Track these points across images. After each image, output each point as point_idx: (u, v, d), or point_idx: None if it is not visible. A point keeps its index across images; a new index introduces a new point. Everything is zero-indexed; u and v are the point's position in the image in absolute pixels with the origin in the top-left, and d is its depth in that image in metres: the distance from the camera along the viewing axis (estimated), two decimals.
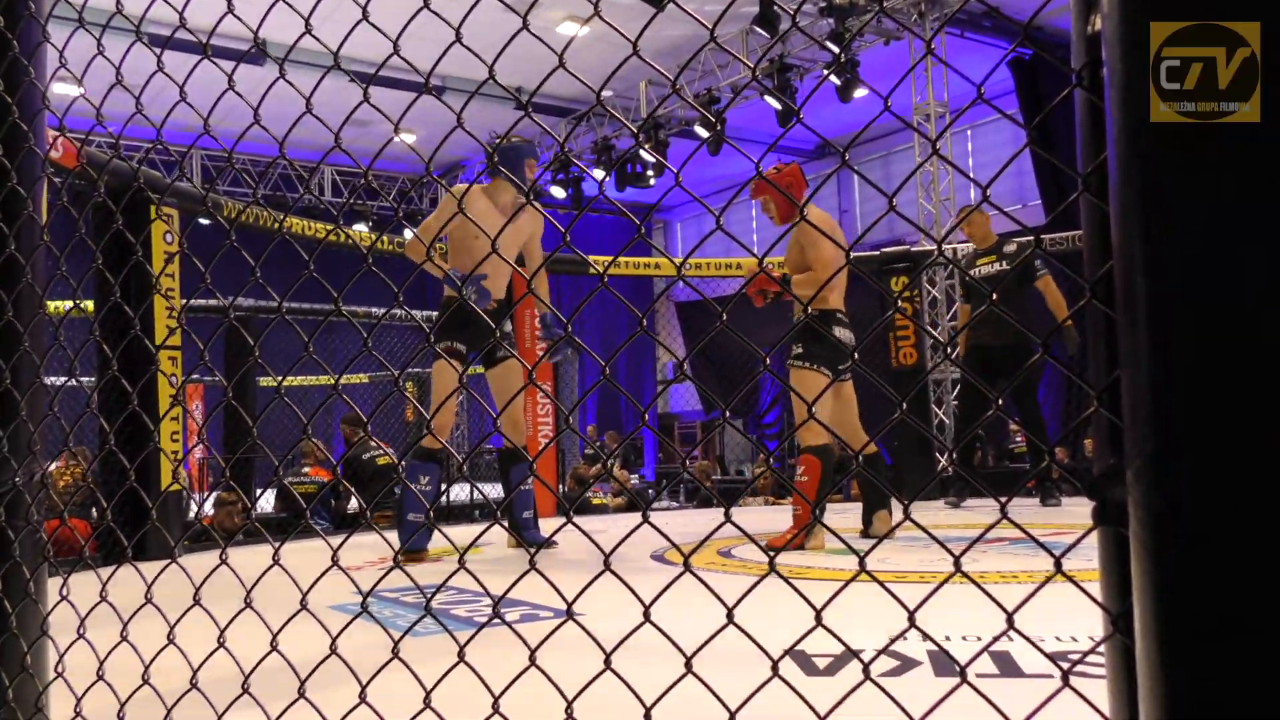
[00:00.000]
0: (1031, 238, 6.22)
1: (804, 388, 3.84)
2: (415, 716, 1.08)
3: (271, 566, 1.16)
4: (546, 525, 5.44)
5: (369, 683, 1.12)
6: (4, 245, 1.37)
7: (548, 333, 4.40)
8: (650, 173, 12.30)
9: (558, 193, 13.20)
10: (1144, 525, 0.70)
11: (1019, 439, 10.09)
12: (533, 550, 1.00)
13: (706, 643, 0.95)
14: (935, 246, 0.85)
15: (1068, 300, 5.21)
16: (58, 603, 1.34)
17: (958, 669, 0.87)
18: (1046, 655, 0.83)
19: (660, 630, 0.97)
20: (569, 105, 13.25)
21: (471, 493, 8.13)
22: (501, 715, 1.04)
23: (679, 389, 15.97)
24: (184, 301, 3.40)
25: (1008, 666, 1.79)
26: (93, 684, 1.30)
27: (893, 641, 0.95)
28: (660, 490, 11.22)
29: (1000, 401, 0.95)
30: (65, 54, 1.39)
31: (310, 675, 1.15)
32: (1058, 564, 0.83)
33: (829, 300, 3.99)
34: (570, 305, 14.44)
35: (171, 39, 1.30)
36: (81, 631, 1.31)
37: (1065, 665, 0.81)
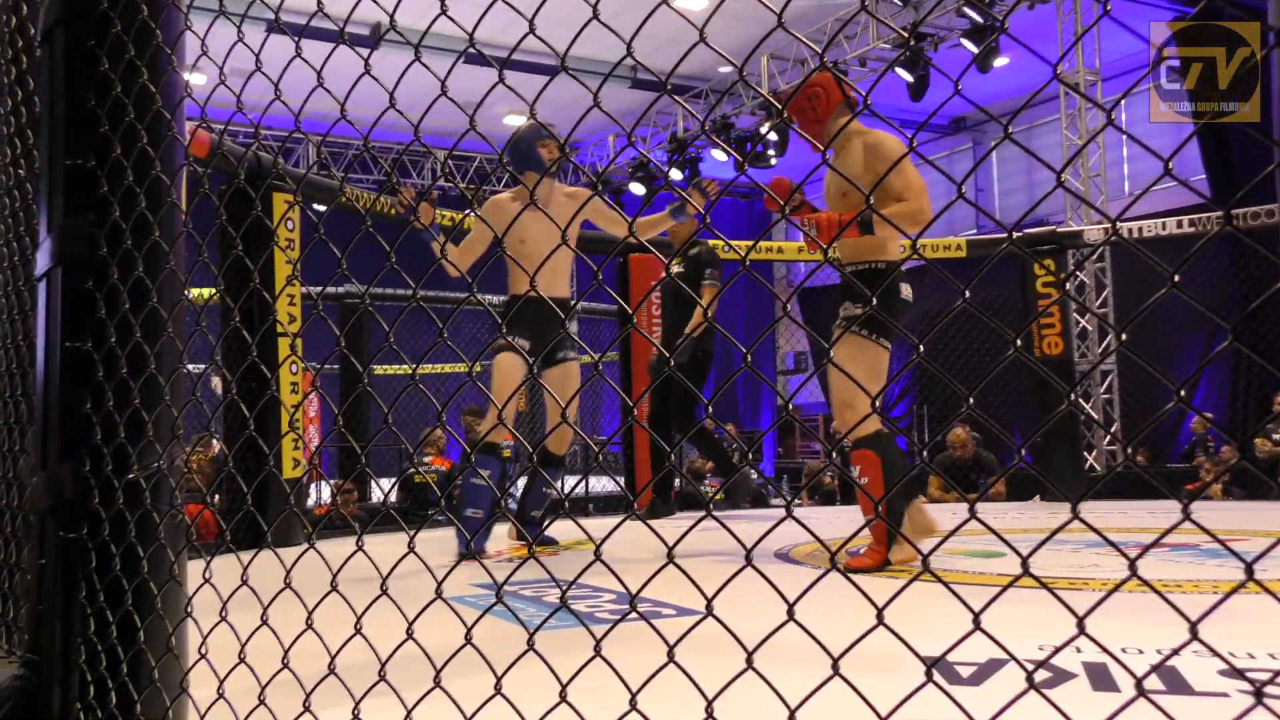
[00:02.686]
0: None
1: (861, 363, 3.19)
2: (551, 710, 1.11)
3: (406, 555, 1.20)
4: (663, 520, 5.47)
5: (504, 674, 1.15)
6: (149, 233, 1.46)
7: (679, 212, 4.13)
8: (772, 152, 12.19)
9: (674, 174, 13.21)
10: None
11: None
12: (530, 543, 1.01)
13: (856, 643, 0.94)
14: (1109, 224, 0.82)
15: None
16: (200, 585, 1.42)
17: (1133, 681, 0.84)
18: (1236, 670, 0.79)
19: (806, 630, 0.97)
20: (685, 83, 13.23)
21: (587, 486, 8.24)
22: (639, 712, 1.05)
23: (800, 380, 15.82)
24: (318, 290, 3.54)
25: (1175, 683, 1.71)
26: (234, 666, 1.38)
27: (1056, 651, 0.93)
28: (784, 488, 11.14)
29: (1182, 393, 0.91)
30: (205, 42, 1.46)
31: (446, 664, 1.19)
32: (1249, 571, 0.79)
33: (890, 249, 3.32)
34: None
35: (306, 27, 1.35)
36: (224, 614, 1.38)
37: (1256, 683, 0.77)
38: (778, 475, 13.12)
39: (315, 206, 5.83)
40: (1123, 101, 12.69)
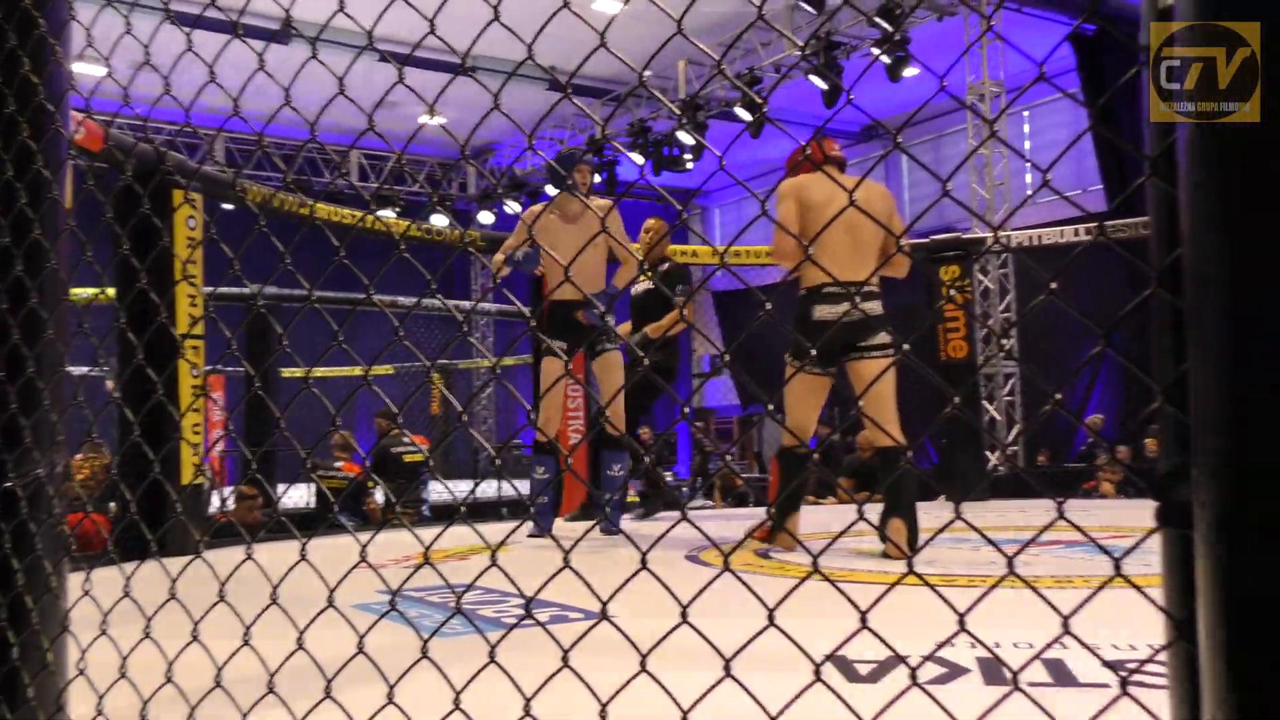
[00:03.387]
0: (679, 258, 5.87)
1: (789, 386, 3.71)
2: (445, 718, 1.10)
3: (298, 562, 1.18)
4: (578, 523, 5.46)
5: (397, 683, 1.14)
6: (29, 230, 1.40)
7: (591, 312, 4.46)
8: (688, 156, 12.27)
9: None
10: (1211, 526, 0.69)
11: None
12: (552, 543, 1.01)
13: (746, 645, 0.95)
14: (993, 232, 0.85)
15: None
16: (79, 598, 1.37)
17: (1010, 676, 0.87)
18: (1105, 663, 0.82)
19: (698, 632, 0.98)
20: (604, 86, 13.25)
21: (500, 489, 8.18)
22: (533, 717, 1.05)
23: (715, 383, 15.97)
24: (210, 290, 3.44)
25: (1062, 675, 1.77)
26: (115, 682, 1.33)
27: (940, 647, 0.95)
28: (696, 488, 11.21)
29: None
30: (90, 33, 1.41)
31: (337, 674, 1.17)
32: (1117, 567, 0.82)
33: (807, 276, 3.70)
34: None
35: (200, 19, 1.32)
36: (104, 628, 1.34)
37: (1124, 673, 0.80)
38: (692, 477, 13.20)
39: (226, 205, 5.68)
40: (1026, 114, 13.11)
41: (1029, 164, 13.03)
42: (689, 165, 12.43)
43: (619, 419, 4.55)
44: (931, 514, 5.59)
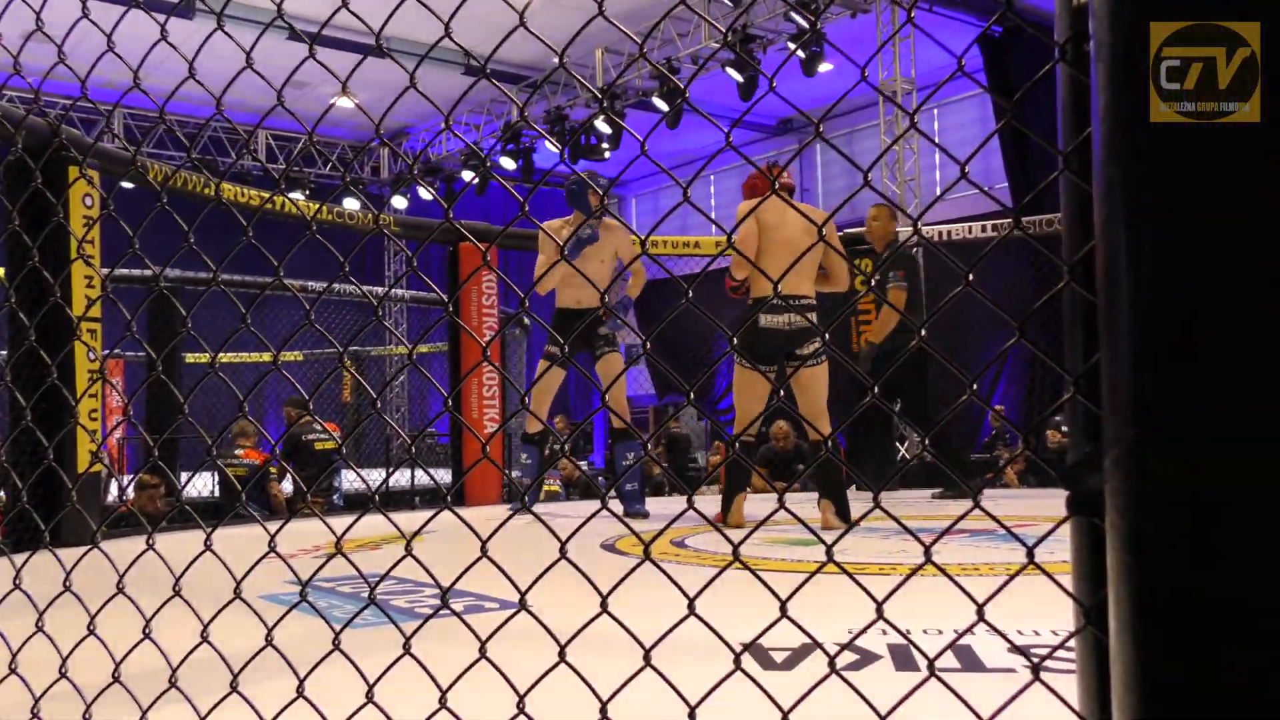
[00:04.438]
0: (907, 240, 6.24)
1: (737, 383, 4.21)
2: (357, 711, 1.07)
3: (203, 553, 1.14)
4: (491, 512, 5.42)
5: (307, 676, 1.10)
6: None
7: (613, 322, 5.07)
8: (605, 145, 12.24)
9: (507, 164, 13.08)
10: (1121, 514, 0.71)
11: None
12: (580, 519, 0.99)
13: (666, 634, 0.95)
14: (913, 225, 0.85)
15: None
16: None
17: (925, 662, 0.88)
18: (1016, 648, 0.84)
19: (618, 622, 0.97)
20: (520, 72, 13.12)
21: (413, 477, 8.07)
22: (449, 710, 1.03)
23: (631, 372, 16.00)
24: (107, 270, 3.31)
25: (970, 661, 1.81)
26: (3, 678, 1.27)
27: (858, 635, 0.96)
28: (614, 479, 11.22)
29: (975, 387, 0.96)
30: None
31: (244, 668, 1.13)
32: (1030, 554, 0.84)
33: (757, 287, 4.22)
34: (522, 282, 14.36)
35: None
36: None
37: (1035, 659, 0.82)
38: (608, 467, 13.20)
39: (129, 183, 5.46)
40: (936, 111, 13.40)
41: (946, 157, 13.34)
42: (606, 154, 12.40)
43: (623, 412, 5.00)
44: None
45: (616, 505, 6.00)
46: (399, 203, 14.61)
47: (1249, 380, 0.67)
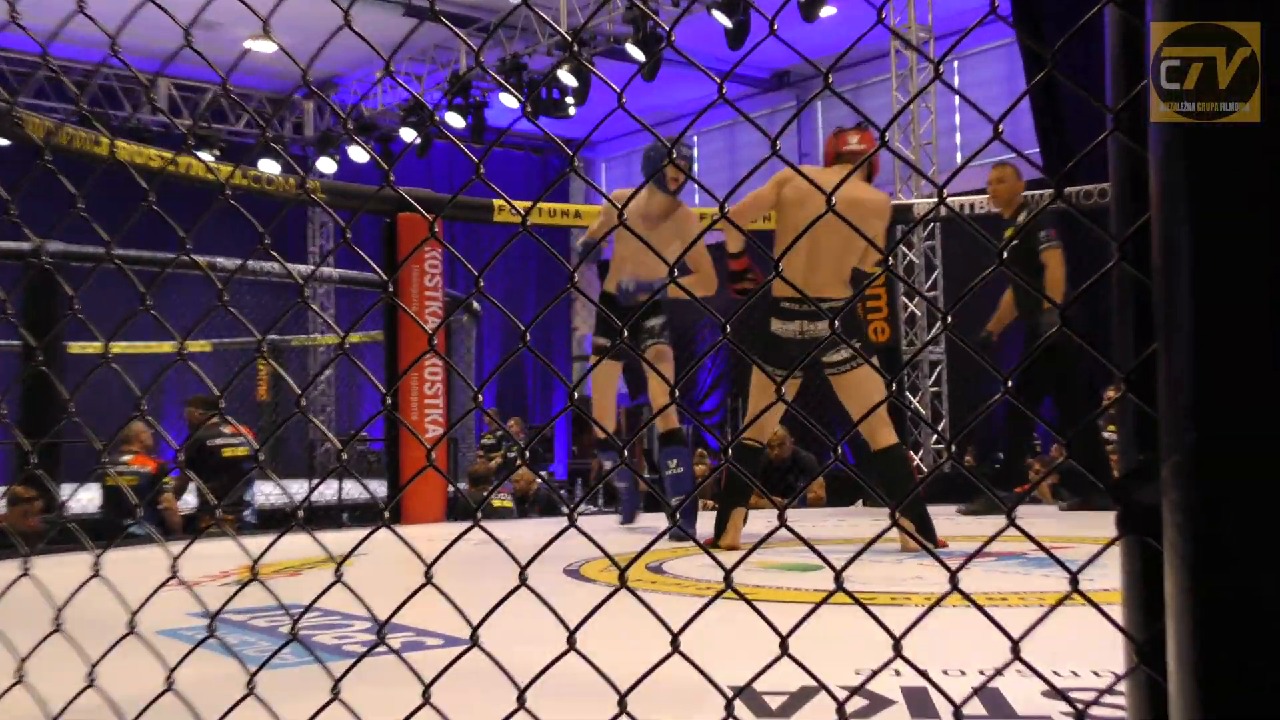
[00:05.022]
0: (1038, 194, 6.30)
1: (754, 382, 4.24)
2: None
3: (90, 579, 1.12)
4: (435, 531, 5.39)
5: None
6: None
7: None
8: (570, 100, 12.21)
9: (455, 121, 13.01)
10: (1182, 533, 0.71)
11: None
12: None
13: (646, 676, 0.94)
14: (938, 194, 0.86)
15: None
16: None
17: (948, 709, 0.88)
18: (1055, 691, 0.84)
19: (588, 661, 0.96)
20: (471, 13, 13.06)
21: (341, 489, 8.03)
22: None
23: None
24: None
25: (999, 707, 1.82)
26: None
27: (870, 678, 0.96)
28: (586, 491, 11.23)
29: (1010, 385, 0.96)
30: None
31: (140, 716, 1.12)
32: (1074, 582, 0.84)
33: (774, 285, 4.02)
34: (468, 258, 14.30)
35: None
36: None
37: (1079, 706, 0.82)
38: (571, 479, 13.21)
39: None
40: (956, 64, 13.45)
41: (968, 118, 13.39)
42: (572, 110, 12.37)
43: (667, 412, 5.02)
44: (847, 522, 5.72)
45: (587, 523, 5.99)
46: (327, 165, 14.52)
47: None
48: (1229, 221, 0.72)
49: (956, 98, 13.69)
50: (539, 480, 9.50)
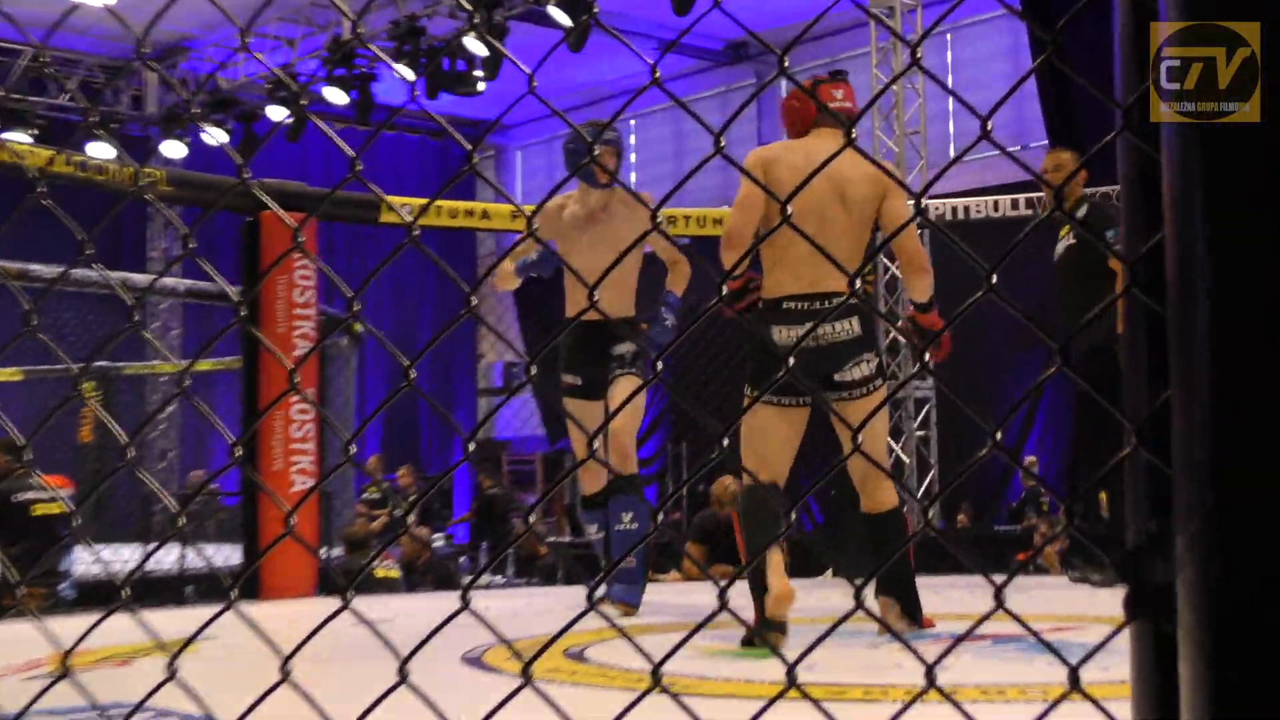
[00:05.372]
0: (1106, 191, 6.40)
1: (744, 421, 4.01)
2: None
3: None
4: (301, 608, 5.33)
5: None
6: None
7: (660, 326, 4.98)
8: (479, 73, 12.21)
9: (335, 98, 12.92)
10: (1200, 616, 0.73)
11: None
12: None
13: None
14: (915, 199, 0.87)
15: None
16: None
17: None
18: None
19: None
20: None
21: (184, 557, 7.92)
22: None
23: (508, 406, 15.93)
24: None
25: None
26: None
27: None
28: (492, 559, 11.17)
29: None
30: None
31: None
32: (1073, 675, 0.86)
33: (769, 282, 4.00)
34: (355, 269, 14.22)
35: None
36: None
37: None
38: (474, 543, 13.11)
39: None
40: (949, 37, 13.64)
41: (963, 104, 13.53)
42: (480, 86, 12.37)
43: (625, 454, 5.05)
44: (814, 594, 5.75)
45: (483, 602, 5.98)
46: (174, 150, 14.37)
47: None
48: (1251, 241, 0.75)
49: (949, 76, 13.88)
50: (437, 543, 9.46)
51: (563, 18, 10.98)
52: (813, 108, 4.11)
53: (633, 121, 16.04)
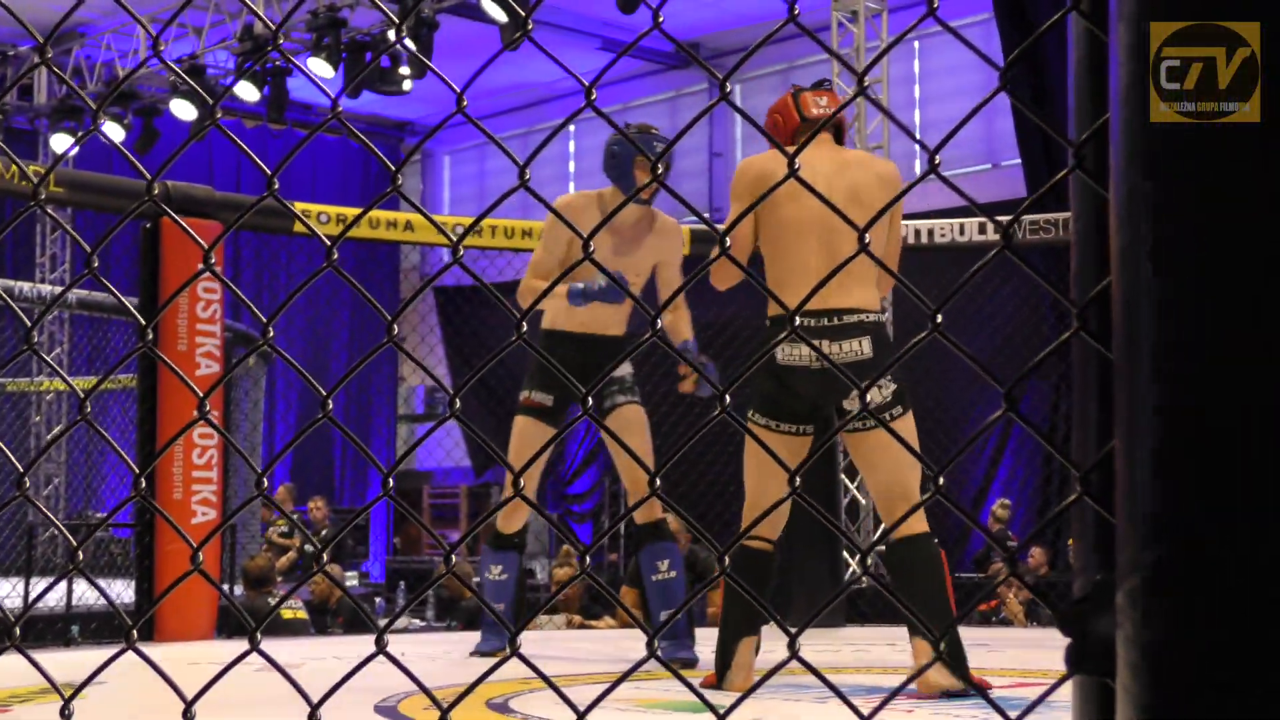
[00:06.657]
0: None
1: (747, 453, 4.07)
2: None
3: None
4: (201, 651, 5.30)
5: None
6: None
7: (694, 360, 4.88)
8: (406, 71, 12.19)
9: (247, 93, 12.86)
10: (1137, 676, 0.76)
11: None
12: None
13: None
14: (859, 233, 0.92)
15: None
16: None
17: None
18: None
19: None
20: None
21: (71, 595, 7.83)
22: None
23: (437, 440, 15.88)
24: None
25: None
26: None
27: None
28: (407, 600, 11.13)
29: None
30: None
31: None
32: None
33: (774, 303, 3.88)
34: (259, 282, 14.11)
35: None
36: None
37: None
38: (391, 580, 13.04)
39: None
40: (917, 45, 13.77)
41: (913, 139, 13.52)
42: (407, 85, 12.35)
43: (654, 504, 4.79)
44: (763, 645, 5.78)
45: (400, 647, 5.97)
46: (63, 143, 14.25)
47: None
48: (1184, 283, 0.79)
49: (917, 87, 13.98)
50: (351, 582, 9.40)
51: (497, 12, 10.94)
52: (795, 118, 4.20)
53: (572, 129, 16.04)
